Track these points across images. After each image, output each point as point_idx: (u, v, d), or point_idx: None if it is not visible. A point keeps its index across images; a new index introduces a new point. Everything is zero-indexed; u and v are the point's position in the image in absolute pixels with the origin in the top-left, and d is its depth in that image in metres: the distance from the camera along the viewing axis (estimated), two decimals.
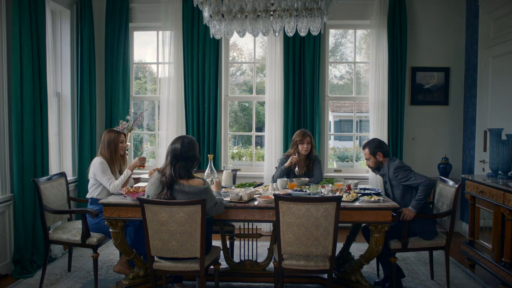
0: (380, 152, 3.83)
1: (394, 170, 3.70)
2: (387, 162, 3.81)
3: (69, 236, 3.74)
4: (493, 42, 4.90)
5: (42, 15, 4.38)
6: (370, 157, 3.85)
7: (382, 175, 3.90)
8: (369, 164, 3.90)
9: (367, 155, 3.87)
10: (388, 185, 3.82)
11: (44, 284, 3.82)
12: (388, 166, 3.78)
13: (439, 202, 3.96)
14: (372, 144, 3.89)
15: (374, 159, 3.84)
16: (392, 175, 3.72)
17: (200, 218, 2.91)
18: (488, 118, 5.00)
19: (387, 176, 3.79)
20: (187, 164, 3.04)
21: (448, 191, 3.83)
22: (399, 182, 3.69)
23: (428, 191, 3.57)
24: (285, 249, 3.06)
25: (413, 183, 3.63)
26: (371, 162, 3.87)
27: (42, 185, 3.78)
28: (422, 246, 3.69)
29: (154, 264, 3.09)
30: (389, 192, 3.85)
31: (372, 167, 3.89)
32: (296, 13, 3.62)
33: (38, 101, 4.32)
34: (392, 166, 3.73)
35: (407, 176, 3.65)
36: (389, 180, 3.78)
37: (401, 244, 3.59)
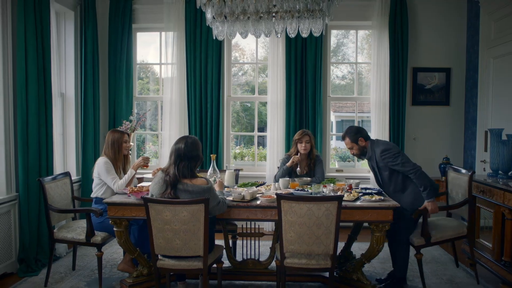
0: (361, 137, 3.80)
1: (380, 153, 3.68)
2: (370, 145, 3.80)
3: (74, 235, 3.79)
4: (493, 42, 4.93)
5: (46, 16, 4.43)
6: (352, 146, 3.83)
7: (368, 159, 3.88)
8: (353, 152, 3.87)
9: (349, 144, 3.84)
10: (376, 168, 3.80)
11: (49, 282, 3.87)
12: (373, 148, 3.77)
13: (453, 192, 4.04)
14: (350, 132, 3.86)
15: (357, 146, 3.80)
16: (378, 158, 3.71)
17: (204, 217, 2.96)
18: (489, 118, 5.03)
19: (374, 159, 3.77)
20: (190, 164, 3.08)
21: (461, 179, 3.91)
22: (386, 164, 3.68)
23: (422, 177, 3.57)
24: (287, 248, 3.10)
25: (400, 169, 3.63)
26: (355, 150, 3.84)
27: (47, 185, 3.83)
28: (445, 238, 3.75)
29: (158, 262, 3.13)
30: (377, 176, 3.85)
31: (357, 153, 3.85)
32: (298, 15, 3.67)
33: (43, 101, 4.37)
34: (378, 149, 3.72)
35: (394, 161, 3.63)
36: (376, 162, 3.76)
37: (424, 240, 3.65)
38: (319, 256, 3.11)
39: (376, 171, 3.82)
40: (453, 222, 3.95)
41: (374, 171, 3.86)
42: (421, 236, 3.65)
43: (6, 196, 4.10)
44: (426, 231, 3.63)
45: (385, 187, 3.82)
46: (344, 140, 3.89)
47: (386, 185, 3.79)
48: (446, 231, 3.77)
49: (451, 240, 3.84)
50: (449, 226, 3.84)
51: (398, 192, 3.73)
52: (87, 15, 5.39)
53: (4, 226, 4.07)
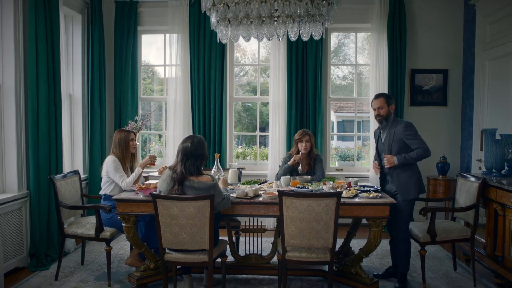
0: (393, 104, 3.96)
1: (405, 126, 3.80)
2: (394, 118, 3.95)
3: (84, 230, 3.95)
4: (489, 45, 5.08)
5: (56, 20, 4.59)
6: (384, 106, 3.88)
7: (383, 128, 3.97)
8: (380, 113, 3.90)
9: (382, 103, 3.90)
10: (390, 139, 3.87)
11: (59, 276, 4.03)
12: (396, 121, 3.91)
13: (461, 198, 4.18)
14: (386, 95, 4.03)
15: (387, 109, 3.89)
16: (400, 129, 3.81)
17: (209, 212, 3.11)
18: (485, 118, 5.17)
19: (392, 130, 3.87)
20: (196, 162, 3.24)
21: (469, 186, 4.04)
22: (403, 136, 3.79)
23: (422, 156, 3.74)
24: (288, 242, 3.25)
25: (414, 142, 3.76)
26: (383, 111, 3.89)
27: (58, 182, 3.99)
28: (449, 238, 3.92)
29: (166, 256, 3.29)
30: (385, 146, 3.94)
31: (383, 115, 3.89)
32: (299, 19, 3.82)
33: (53, 102, 4.53)
34: (402, 123, 3.85)
35: (414, 135, 3.79)
36: (393, 133, 3.85)
37: (430, 237, 3.81)
38: (319, 249, 3.26)
39: (390, 142, 3.87)
40: (457, 226, 4.11)
41: (387, 142, 3.91)
42: (427, 233, 3.81)
43: (17, 193, 4.26)
44: (432, 230, 3.80)
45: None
46: (377, 99, 3.94)
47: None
48: (451, 233, 3.93)
49: (454, 241, 4.01)
50: (454, 229, 4.00)
51: (401, 168, 3.84)
52: (94, 18, 5.55)
53: (16, 222, 4.22)
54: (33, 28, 4.29)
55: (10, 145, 4.27)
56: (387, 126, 3.94)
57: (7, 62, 4.22)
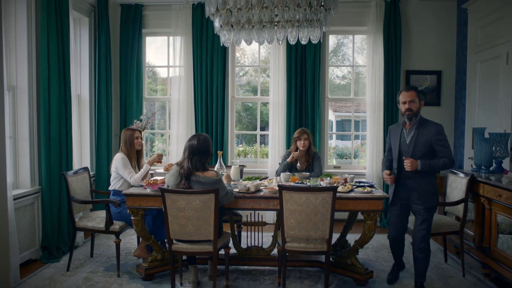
0: (423, 101, 3.72)
1: (439, 128, 3.57)
2: (421, 117, 3.66)
3: (94, 224, 4.17)
4: (480, 47, 5.30)
5: (66, 23, 4.81)
6: (416, 100, 3.59)
7: (408, 127, 3.68)
8: (411, 107, 3.58)
9: (413, 96, 3.60)
10: (414, 140, 3.61)
11: (71, 267, 4.25)
12: (425, 121, 3.64)
13: (451, 193, 4.41)
14: (418, 88, 3.83)
15: (418, 105, 3.62)
16: (431, 130, 3.56)
17: (214, 205, 3.34)
18: (476, 117, 5.40)
19: (422, 130, 3.59)
20: (202, 158, 3.47)
21: (459, 182, 4.28)
22: (434, 141, 3.55)
23: (447, 167, 3.57)
24: (288, 233, 3.48)
25: (443, 150, 3.55)
26: (414, 106, 3.59)
27: (69, 178, 4.22)
28: (441, 231, 4.13)
29: (173, 246, 3.51)
30: (409, 148, 3.63)
31: (414, 110, 3.59)
32: (298, 24, 4.03)
33: (63, 102, 4.75)
34: (435, 124, 3.61)
35: (446, 142, 3.58)
36: (422, 134, 3.58)
37: None
38: (316, 240, 3.48)
39: (417, 143, 3.59)
40: (448, 219, 4.33)
41: (413, 143, 3.61)
42: None
43: (30, 189, 4.48)
44: None
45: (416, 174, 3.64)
46: (409, 91, 3.63)
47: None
48: (442, 226, 4.15)
49: (445, 234, 4.23)
50: (445, 222, 4.21)
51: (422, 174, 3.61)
52: (100, 21, 5.77)
53: (29, 217, 4.44)
54: (45, 31, 4.50)
55: (23, 143, 4.49)
56: (414, 125, 3.64)
57: (20, 65, 4.44)
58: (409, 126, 3.68)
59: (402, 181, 3.72)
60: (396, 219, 3.83)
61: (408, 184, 3.68)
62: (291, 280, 4.01)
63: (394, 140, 3.80)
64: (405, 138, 3.70)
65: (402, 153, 3.70)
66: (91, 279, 4.03)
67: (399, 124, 3.81)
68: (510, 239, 3.69)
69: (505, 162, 4.46)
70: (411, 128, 3.66)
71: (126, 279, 4.05)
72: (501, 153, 4.29)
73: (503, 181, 3.80)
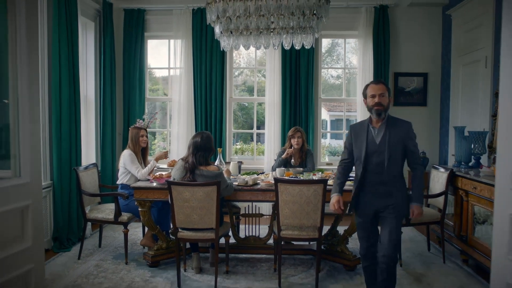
0: (392, 98, 3.53)
1: (410, 126, 3.19)
2: (390, 116, 3.24)
3: (104, 215, 4.50)
4: (463, 51, 5.68)
5: (75, 29, 5.13)
6: (385, 93, 3.15)
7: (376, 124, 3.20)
8: (381, 101, 3.12)
9: (383, 89, 3.16)
10: (386, 139, 3.14)
11: (81, 255, 4.57)
12: (394, 118, 3.23)
13: (433, 187, 4.78)
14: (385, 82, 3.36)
15: (388, 100, 3.19)
16: (403, 129, 3.15)
17: (216, 196, 3.68)
18: (459, 117, 5.78)
19: (393, 129, 3.15)
20: (205, 154, 3.82)
21: (440, 176, 4.65)
22: (407, 140, 3.15)
23: (422, 173, 3.25)
24: (283, 222, 3.82)
25: (415, 153, 3.19)
26: (384, 100, 3.13)
27: (80, 173, 4.54)
28: (422, 221, 4.46)
29: (179, 234, 3.85)
30: (381, 148, 3.15)
31: (384, 105, 3.12)
32: (292, 31, 4.38)
33: (73, 103, 5.07)
34: (405, 121, 3.22)
35: (415, 142, 3.21)
36: (394, 133, 3.13)
37: (405, 220, 4.22)
38: (309, 228, 3.83)
39: (390, 143, 3.13)
40: (430, 211, 4.68)
41: (386, 143, 3.14)
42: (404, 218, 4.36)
43: (43, 183, 4.78)
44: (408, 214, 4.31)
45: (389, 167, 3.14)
46: (378, 84, 3.20)
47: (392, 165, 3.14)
48: (424, 216, 4.47)
49: (427, 224, 4.59)
50: (427, 213, 4.54)
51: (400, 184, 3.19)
52: (105, 26, 6.09)
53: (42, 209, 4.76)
54: (56, 36, 4.82)
55: None
56: (383, 123, 3.18)
57: None
58: (377, 123, 3.19)
59: (370, 187, 3.21)
60: (366, 232, 3.31)
61: (379, 190, 3.18)
62: (285, 267, 4.36)
63: (358, 140, 3.25)
64: (373, 138, 3.18)
65: (369, 155, 3.17)
66: (101, 266, 4.36)
67: (363, 123, 3.30)
68: (484, 228, 4.06)
69: (483, 158, 4.84)
70: (381, 127, 3.17)
71: (134, 266, 4.38)
72: (479, 150, 4.66)
73: (480, 175, 4.17)
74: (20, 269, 2.28)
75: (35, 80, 2.43)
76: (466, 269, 4.31)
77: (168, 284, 3.94)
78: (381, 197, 3.18)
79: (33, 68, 2.41)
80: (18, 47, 2.32)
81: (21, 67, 2.33)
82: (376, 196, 3.20)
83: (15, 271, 2.24)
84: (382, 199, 3.18)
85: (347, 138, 3.42)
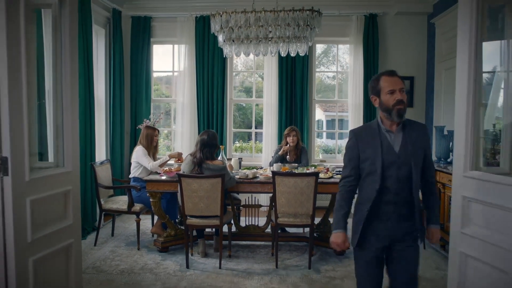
0: None
1: (427, 131, 2.58)
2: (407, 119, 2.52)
3: (118, 206, 4.98)
4: (445, 57, 6.18)
5: (90, 36, 5.60)
6: (404, 87, 2.47)
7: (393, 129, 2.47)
8: (403, 98, 2.41)
9: (401, 83, 2.48)
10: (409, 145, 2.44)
11: (97, 243, 5.05)
12: (409, 120, 2.53)
13: None
14: None
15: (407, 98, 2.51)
16: (421, 132, 2.51)
17: (221, 187, 4.16)
18: (441, 117, 6.28)
19: (412, 133, 2.47)
20: (211, 150, 4.32)
21: None
22: (426, 149, 2.51)
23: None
24: (279, 210, 4.32)
25: (430, 166, 2.56)
26: (404, 97, 2.43)
27: (97, 168, 5.02)
28: None
29: (188, 221, 4.33)
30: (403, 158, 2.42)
31: (405, 104, 2.41)
32: (288, 40, 4.87)
33: (88, 104, 5.55)
34: (422, 125, 2.59)
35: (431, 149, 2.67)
36: (415, 139, 2.46)
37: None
38: (302, 215, 4.33)
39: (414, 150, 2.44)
40: None
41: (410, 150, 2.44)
42: None
43: None
44: None
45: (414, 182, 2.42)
46: (395, 77, 2.48)
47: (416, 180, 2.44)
48: None
49: None
50: None
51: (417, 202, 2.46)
52: (115, 32, 6.57)
53: None
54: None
55: None
56: (401, 126, 2.49)
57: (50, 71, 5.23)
58: (392, 126, 2.48)
59: (386, 210, 2.45)
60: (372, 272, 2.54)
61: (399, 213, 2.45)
62: (282, 252, 4.85)
63: (368, 149, 2.48)
64: (390, 145, 2.47)
65: (385, 168, 2.43)
66: (116, 252, 4.84)
67: (371, 126, 2.56)
68: None
69: None
70: (397, 131, 2.48)
71: (145, 251, 4.87)
72: None
73: None
74: (64, 242, 2.76)
75: (75, 84, 2.90)
76: (443, 253, 4.81)
77: (177, 265, 4.43)
78: (400, 223, 2.44)
79: (73, 74, 2.88)
80: (63, 56, 2.80)
81: (65, 72, 2.80)
82: (395, 222, 2.44)
83: (60, 244, 2.71)
84: (401, 225, 2.45)
85: (350, 148, 2.56)
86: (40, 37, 3.15)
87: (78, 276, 2.96)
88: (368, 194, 2.46)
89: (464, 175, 2.82)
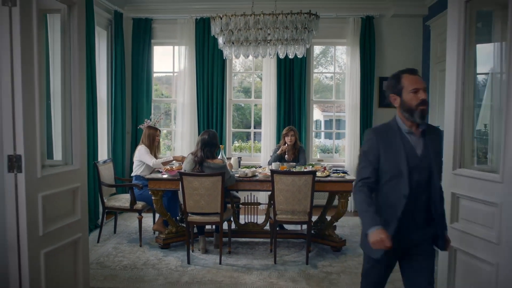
0: None
1: (442, 135, 2.58)
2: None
3: (120, 203, 5.12)
4: (439, 59, 6.32)
5: (93, 38, 5.74)
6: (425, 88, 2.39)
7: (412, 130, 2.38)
8: (425, 98, 2.35)
9: (424, 82, 2.45)
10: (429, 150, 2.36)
11: (100, 240, 5.18)
12: (428, 125, 2.46)
13: None
14: None
15: None
16: (436, 136, 2.45)
17: (221, 185, 4.30)
18: (436, 117, 6.43)
19: (430, 137, 2.39)
20: (211, 149, 4.46)
21: None
22: (440, 153, 2.48)
23: None
24: (278, 207, 4.46)
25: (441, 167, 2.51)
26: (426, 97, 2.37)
27: (100, 167, 5.15)
28: None
29: (189, 218, 4.47)
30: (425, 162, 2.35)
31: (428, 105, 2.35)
32: (286, 42, 5.01)
33: (91, 104, 5.68)
34: (438, 129, 2.53)
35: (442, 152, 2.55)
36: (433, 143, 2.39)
37: None
38: (300, 212, 4.47)
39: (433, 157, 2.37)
40: None
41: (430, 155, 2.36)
42: None
43: None
44: None
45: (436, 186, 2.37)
46: (417, 76, 2.47)
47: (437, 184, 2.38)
48: None
49: None
50: None
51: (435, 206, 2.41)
52: (116, 33, 6.70)
53: None
54: None
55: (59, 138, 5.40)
56: (421, 128, 2.39)
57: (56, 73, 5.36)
58: (414, 128, 2.39)
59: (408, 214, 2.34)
60: (380, 278, 2.56)
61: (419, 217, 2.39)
62: (280, 248, 4.98)
63: (390, 151, 2.37)
64: (412, 148, 2.36)
65: (410, 171, 2.33)
66: (118, 248, 4.98)
67: (390, 126, 2.44)
68: None
69: None
70: (419, 133, 2.40)
71: (147, 248, 5.01)
72: None
73: None
74: (72, 236, 2.90)
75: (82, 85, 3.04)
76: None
77: (179, 261, 4.57)
78: (420, 227, 2.38)
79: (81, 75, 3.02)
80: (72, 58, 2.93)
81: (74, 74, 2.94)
82: (415, 226, 2.37)
83: (68, 238, 2.85)
84: (420, 230, 2.39)
85: (371, 148, 2.41)
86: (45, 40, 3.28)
87: (86, 268, 3.11)
88: (393, 200, 2.34)
89: (453, 173, 2.96)
